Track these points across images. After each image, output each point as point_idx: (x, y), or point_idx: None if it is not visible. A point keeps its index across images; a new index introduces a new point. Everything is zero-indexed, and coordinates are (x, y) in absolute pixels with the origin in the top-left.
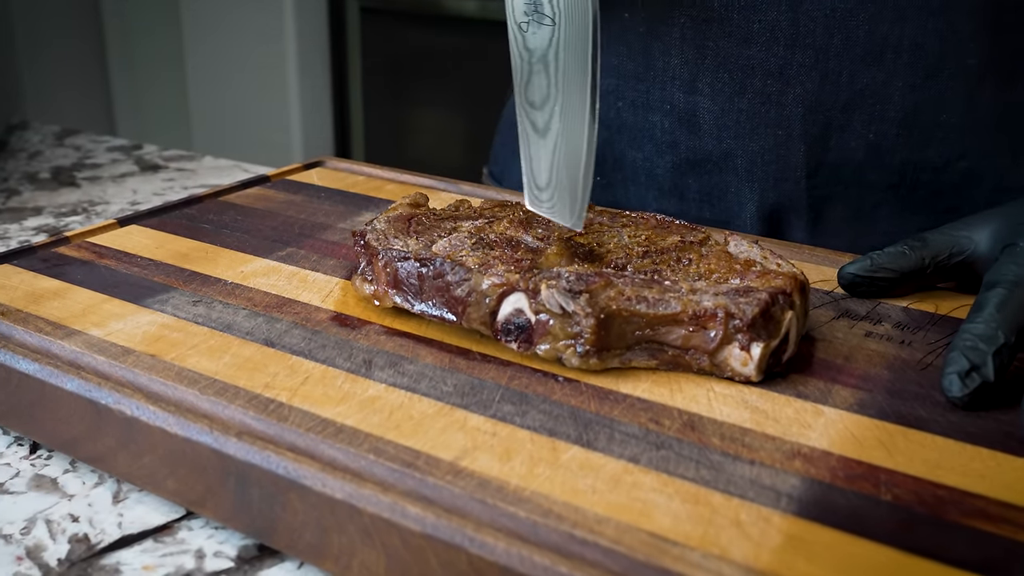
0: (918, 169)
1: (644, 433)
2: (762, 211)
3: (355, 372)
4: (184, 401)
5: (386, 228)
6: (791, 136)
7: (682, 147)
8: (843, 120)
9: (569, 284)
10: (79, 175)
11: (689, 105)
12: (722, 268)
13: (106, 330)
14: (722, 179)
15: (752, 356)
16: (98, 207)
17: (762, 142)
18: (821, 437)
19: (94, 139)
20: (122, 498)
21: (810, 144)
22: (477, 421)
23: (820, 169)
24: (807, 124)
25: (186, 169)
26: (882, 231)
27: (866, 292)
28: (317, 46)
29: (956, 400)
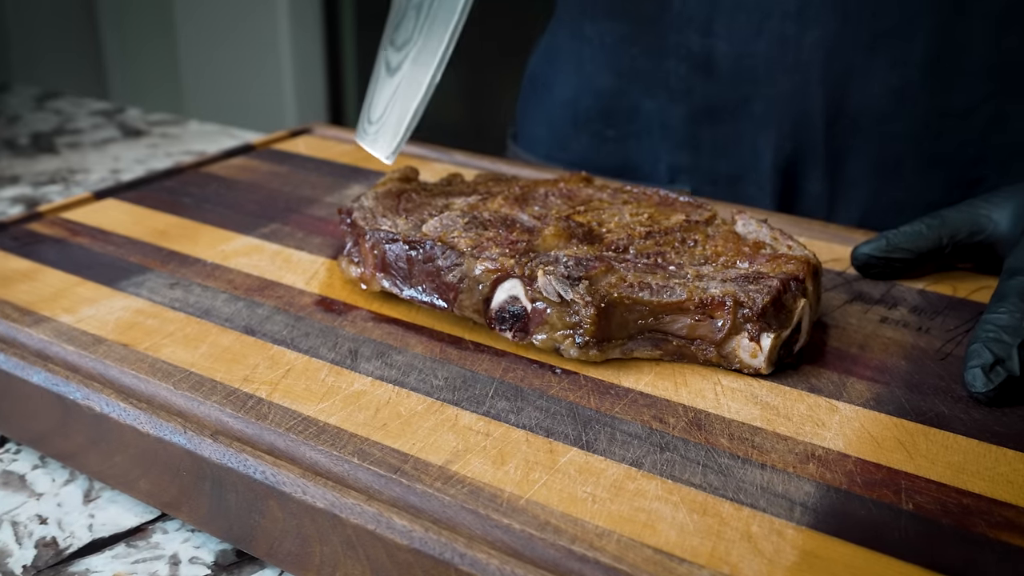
0: (942, 115)
1: (647, 433)
2: (778, 163)
3: (340, 364)
4: (157, 396)
5: (374, 205)
6: (810, 81)
7: (697, 94)
8: (865, 63)
9: (568, 270)
10: (59, 141)
11: (705, 49)
12: (729, 250)
13: (77, 316)
14: (737, 128)
15: (762, 347)
16: (77, 175)
17: (780, 87)
18: (836, 437)
19: (76, 102)
20: (94, 497)
21: (830, 89)
22: (469, 419)
23: (840, 116)
24: (827, 68)
25: (170, 134)
26: (905, 185)
27: (881, 273)
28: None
29: (980, 396)
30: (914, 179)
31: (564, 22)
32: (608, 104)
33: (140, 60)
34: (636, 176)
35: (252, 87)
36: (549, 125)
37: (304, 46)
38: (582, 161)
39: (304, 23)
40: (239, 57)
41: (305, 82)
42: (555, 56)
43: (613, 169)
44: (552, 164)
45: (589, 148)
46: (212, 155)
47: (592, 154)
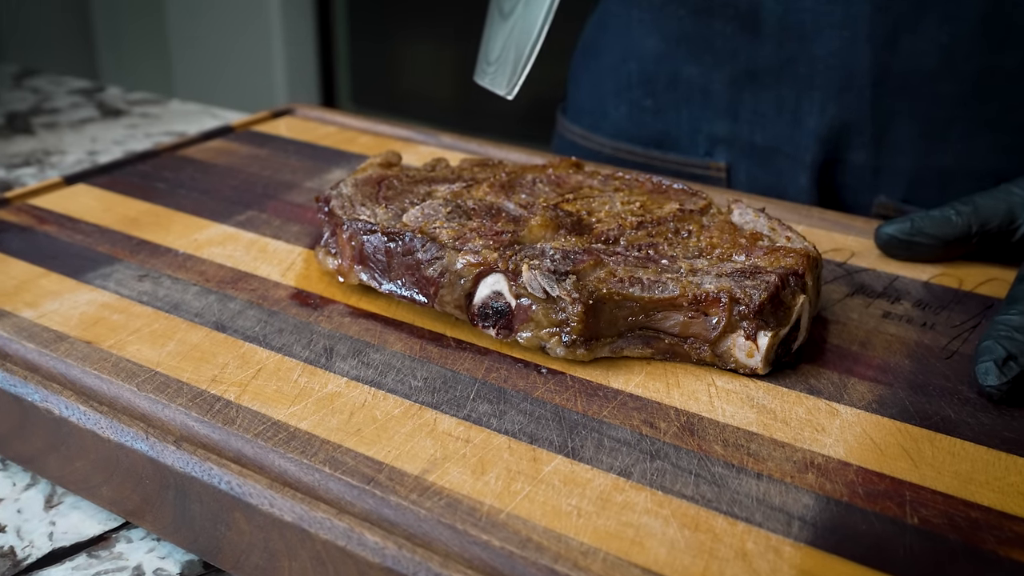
0: (993, 74)
1: (637, 439)
2: (821, 130)
3: (314, 363)
4: (120, 398)
5: (353, 193)
6: (857, 38)
7: (742, 56)
8: (914, 20)
9: (554, 264)
10: (36, 121)
11: (752, 6)
12: (725, 242)
13: (39, 311)
14: (780, 93)
15: (759, 346)
16: (53, 157)
17: (826, 45)
18: (837, 444)
19: (55, 80)
20: (56, 503)
21: (877, 47)
22: (448, 424)
23: (888, 77)
24: (875, 24)
25: (151, 114)
26: (952, 152)
27: (903, 255)
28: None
29: (991, 390)
30: (962, 144)
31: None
32: (651, 70)
33: (128, 36)
34: (675, 147)
35: (241, 64)
36: (594, 93)
37: (295, 20)
38: (622, 131)
39: (296, 14)
40: (228, 34)
41: (295, 59)
42: (605, 23)
43: (651, 139)
44: (595, 133)
45: (628, 118)
46: (189, 137)
47: (631, 124)
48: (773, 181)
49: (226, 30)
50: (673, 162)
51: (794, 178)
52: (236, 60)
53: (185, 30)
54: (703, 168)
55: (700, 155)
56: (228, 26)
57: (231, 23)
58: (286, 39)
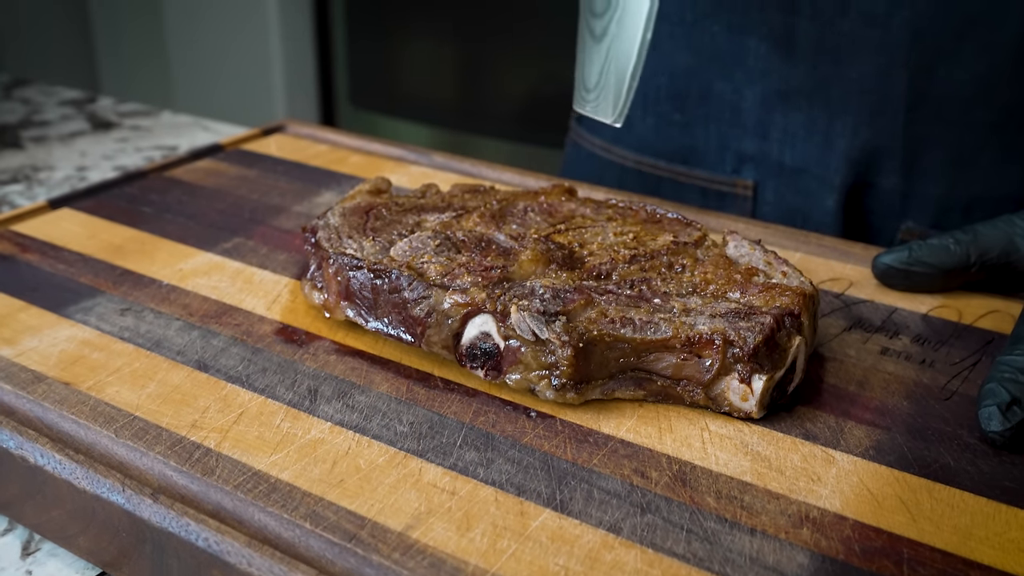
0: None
1: (628, 490)
2: (851, 152)
3: (297, 406)
4: (97, 445)
5: (340, 224)
6: (894, 63)
7: (774, 76)
8: (953, 48)
9: (544, 304)
10: (25, 134)
11: (787, 27)
12: (720, 277)
13: (17, 349)
14: (812, 114)
15: (753, 390)
16: (41, 173)
17: (862, 69)
18: (833, 495)
19: (46, 90)
20: (33, 550)
21: (914, 73)
22: (434, 474)
23: (922, 103)
24: (912, 51)
25: (142, 127)
26: (982, 179)
27: (901, 284)
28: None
29: (994, 436)
30: (992, 171)
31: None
32: (681, 85)
33: (127, 35)
34: (701, 163)
35: (239, 64)
36: None
37: (293, 21)
38: (647, 144)
39: (295, 18)
40: (226, 33)
41: (293, 60)
42: None
43: (677, 154)
44: (616, 145)
45: (654, 131)
46: (177, 157)
47: (657, 138)
48: (800, 202)
49: (224, 30)
50: (699, 178)
51: (821, 200)
52: (234, 60)
53: (183, 32)
54: (730, 185)
55: (727, 172)
56: (226, 26)
57: (229, 24)
58: (284, 38)
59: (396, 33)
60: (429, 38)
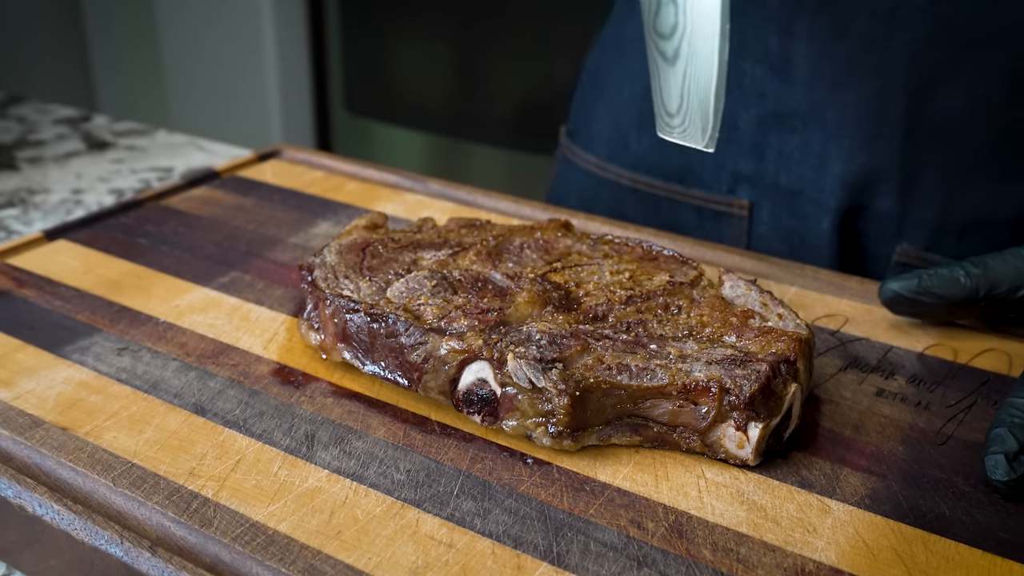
0: (1021, 128)
1: (624, 542)
2: (846, 175)
3: (295, 452)
4: (95, 494)
5: (336, 263)
6: (892, 87)
7: (770, 97)
8: (950, 71)
9: (540, 351)
10: (20, 155)
11: (784, 49)
12: (716, 320)
13: (15, 391)
14: (808, 137)
15: (749, 438)
16: (37, 197)
17: (859, 92)
18: (828, 547)
19: (41, 108)
20: None
21: (911, 97)
22: (431, 525)
23: (919, 126)
24: (910, 75)
25: (137, 147)
26: (977, 202)
27: (907, 312)
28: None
29: (999, 485)
30: (986, 194)
31: (631, 14)
32: None
33: (123, 65)
34: (697, 182)
35: (233, 72)
36: (613, 123)
37: (287, 28)
38: (643, 163)
39: (289, 25)
40: (222, 50)
41: (288, 68)
42: (621, 51)
43: (674, 173)
44: (612, 163)
45: (651, 150)
46: (173, 185)
47: (653, 157)
48: (796, 223)
49: (218, 36)
50: (695, 197)
51: (817, 222)
52: (228, 64)
53: (177, 41)
54: (726, 205)
55: (723, 191)
56: (221, 33)
57: (223, 30)
58: (278, 44)
59: (391, 39)
60: (424, 44)
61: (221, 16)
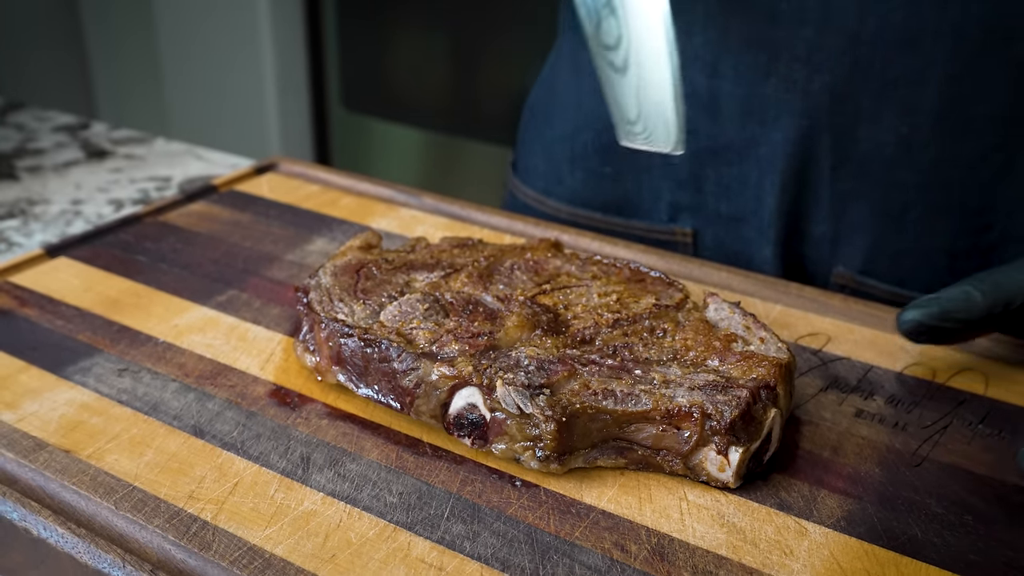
0: (952, 165)
1: (608, 565)
2: (782, 206)
3: (291, 475)
4: (98, 516)
5: (331, 285)
6: (816, 126)
7: (702, 134)
8: (874, 111)
9: (528, 377)
10: (19, 164)
11: (711, 89)
12: (700, 344)
13: (19, 413)
14: (742, 169)
15: (730, 461)
16: (37, 207)
17: (786, 131)
18: (804, 569)
19: (39, 115)
20: None
21: (837, 136)
22: (422, 549)
23: (846, 161)
24: (835, 114)
25: (135, 156)
26: (910, 232)
27: (926, 340)
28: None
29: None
30: (920, 226)
31: (564, 54)
32: (607, 139)
33: (119, 54)
34: (636, 213)
35: (231, 77)
36: (547, 158)
37: (284, 26)
38: (578, 197)
39: (286, 23)
40: (218, 47)
41: (285, 64)
42: (554, 88)
43: (612, 205)
44: (549, 198)
45: (586, 184)
46: (171, 200)
47: (587, 190)
48: (740, 247)
49: (216, 34)
50: (637, 227)
51: (759, 248)
52: (225, 61)
53: (175, 40)
54: (668, 234)
55: (664, 221)
56: (218, 31)
57: (221, 28)
58: (275, 41)
59: (388, 36)
60: (422, 41)
61: (218, 12)
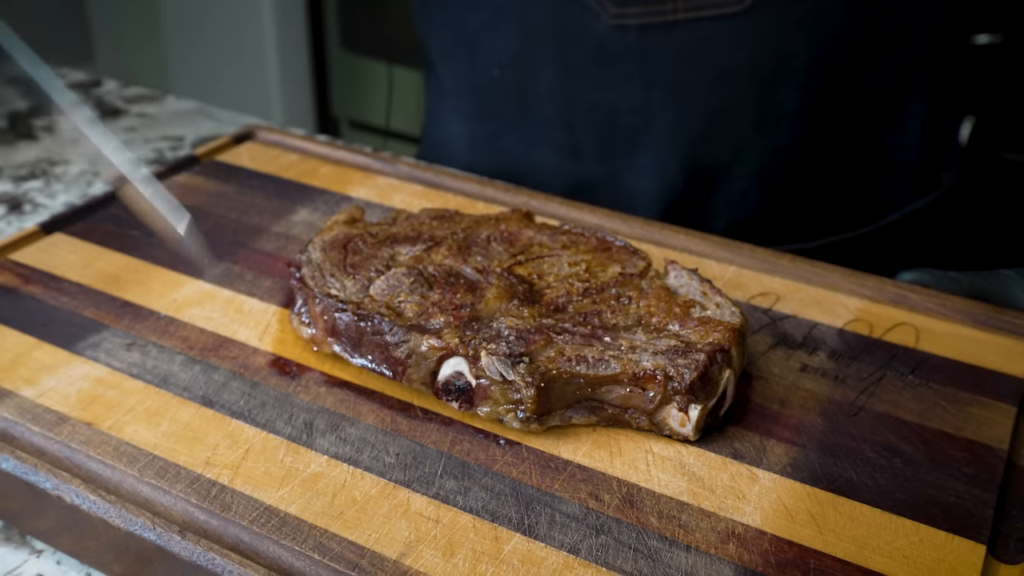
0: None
1: (584, 513)
2: (658, 207)
3: (296, 440)
4: (123, 484)
5: (322, 260)
6: (664, 156)
7: (570, 174)
8: (704, 133)
9: (509, 347)
10: (37, 124)
11: (570, 140)
12: (661, 311)
13: (38, 389)
14: (614, 191)
15: (690, 417)
16: (58, 168)
17: (644, 166)
18: (755, 512)
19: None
20: None
21: (690, 176)
22: (420, 504)
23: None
24: (688, 161)
25: (148, 114)
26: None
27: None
28: None
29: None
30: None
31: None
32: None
33: (119, 10)
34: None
35: (229, 19)
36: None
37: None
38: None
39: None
40: (218, 6)
41: (284, 8)
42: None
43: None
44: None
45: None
46: (157, 171)
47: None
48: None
49: (220, 33)
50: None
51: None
52: (223, 9)
53: (179, 28)
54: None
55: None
56: (222, 30)
57: (225, 26)
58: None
59: None
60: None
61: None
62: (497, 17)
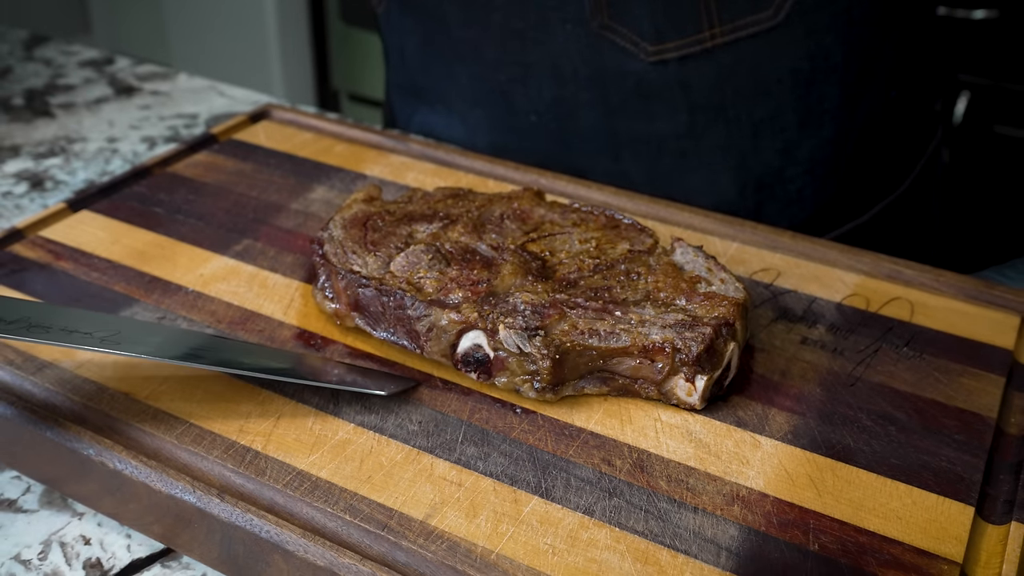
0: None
1: (598, 477)
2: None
3: (323, 409)
4: (162, 450)
5: (343, 237)
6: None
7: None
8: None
9: (525, 321)
10: (53, 101)
11: (617, 168)
12: (668, 286)
13: (76, 361)
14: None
15: (696, 388)
16: (76, 145)
17: (693, 181)
18: (758, 476)
19: (64, 49)
20: None
21: (734, 171)
22: (443, 468)
23: (748, 182)
24: (725, 159)
25: (161, 92)
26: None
27: None
28: None
29: None
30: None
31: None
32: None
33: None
34: None
35: (232, 9)
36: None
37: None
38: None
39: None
40: (222, 6)
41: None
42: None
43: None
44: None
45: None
46: (176, 150)
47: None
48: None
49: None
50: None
51: None
52: (230, 33)
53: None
54: None
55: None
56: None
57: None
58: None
59: None
60: None
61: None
62: (527, 72)
